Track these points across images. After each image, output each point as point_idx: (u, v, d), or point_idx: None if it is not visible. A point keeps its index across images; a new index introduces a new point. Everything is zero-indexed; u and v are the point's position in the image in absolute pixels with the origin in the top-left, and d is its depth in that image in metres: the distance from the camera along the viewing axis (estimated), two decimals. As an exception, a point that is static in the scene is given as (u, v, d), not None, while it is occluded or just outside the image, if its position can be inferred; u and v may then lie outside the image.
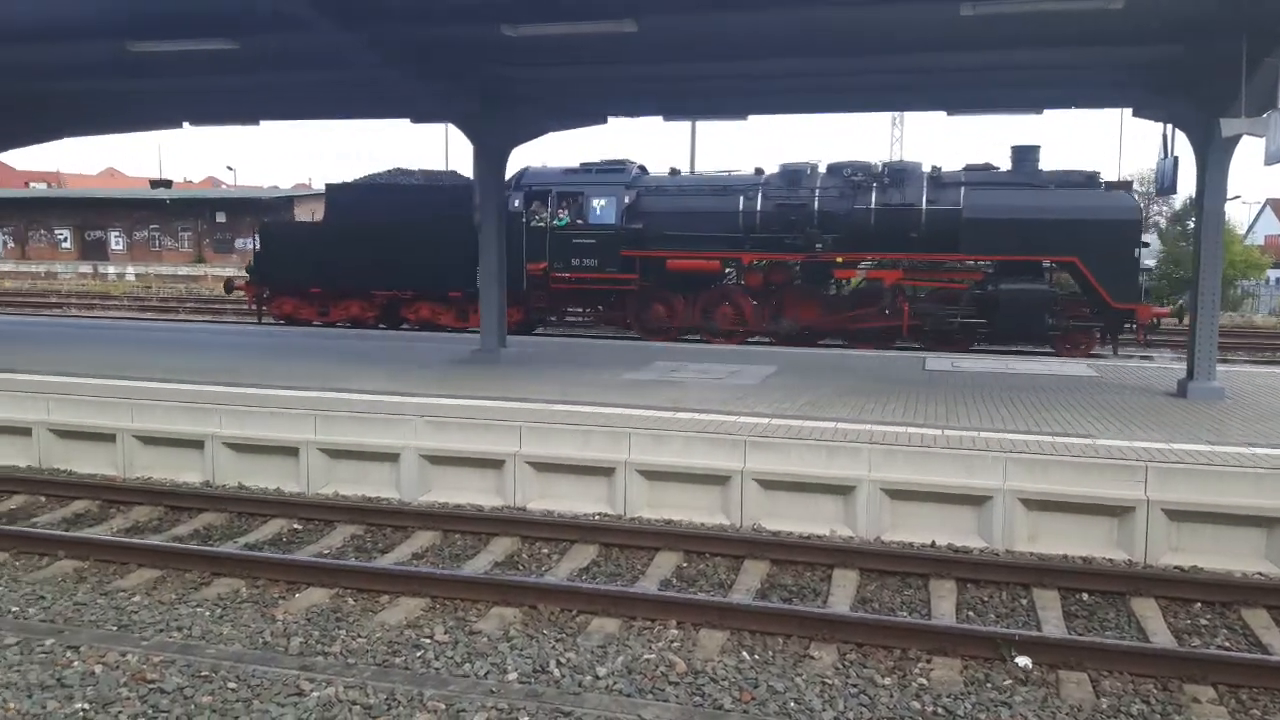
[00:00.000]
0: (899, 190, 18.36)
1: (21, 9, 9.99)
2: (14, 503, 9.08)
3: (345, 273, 20.33)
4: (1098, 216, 17.04)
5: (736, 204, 19.13)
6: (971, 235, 17.47)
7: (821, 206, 18.64)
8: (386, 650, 5.80)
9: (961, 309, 18.17)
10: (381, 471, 9.30)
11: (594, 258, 19.64)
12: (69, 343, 14.86)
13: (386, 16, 10.13)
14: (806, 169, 19.41)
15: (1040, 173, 18.16)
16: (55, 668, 5.46)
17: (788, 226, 18.67)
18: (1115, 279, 16.98)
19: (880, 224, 18.32)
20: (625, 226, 19.54)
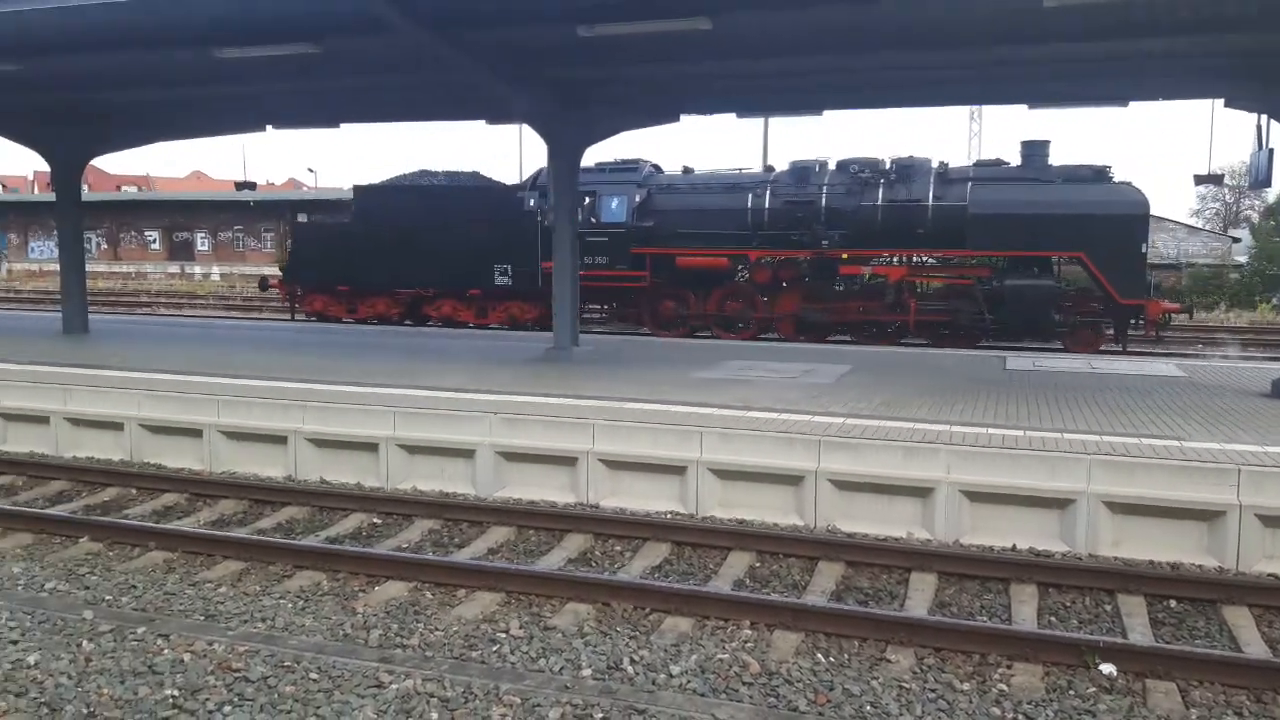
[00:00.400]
0: (906, 186, 18.43)
1: (117, 17, 10.35)
2: (107, 495, 9.43)
3: (371, 271, 20.98)
4: (1103, 211, 16.93)
5: (745, 201, 19.34)
6: (977, 231, 17.50)
7: (829, 203, 18.80)
8: (463, 644, 5.88)
9: (968, 305, 18.09)
10: (458, 467, 9.44)
11: (606, 255, 19.91)
12: (158, 341, 15.37)
13: (465, 20, 10.28)
14: (815, 166, 19.52)
15: (1049, 168, 18.02)
16: (146, 655, 5.65)
17: (795, 223, 18.85)
18: (1121, 274, 16.95)
19: (887, 220, 18.39)
20: (636, 225, 19.79)
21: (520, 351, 14.11)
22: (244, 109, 15.75)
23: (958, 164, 19.11)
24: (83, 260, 16.41)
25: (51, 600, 6.63)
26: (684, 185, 20.39)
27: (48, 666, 5.50)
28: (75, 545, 7.82)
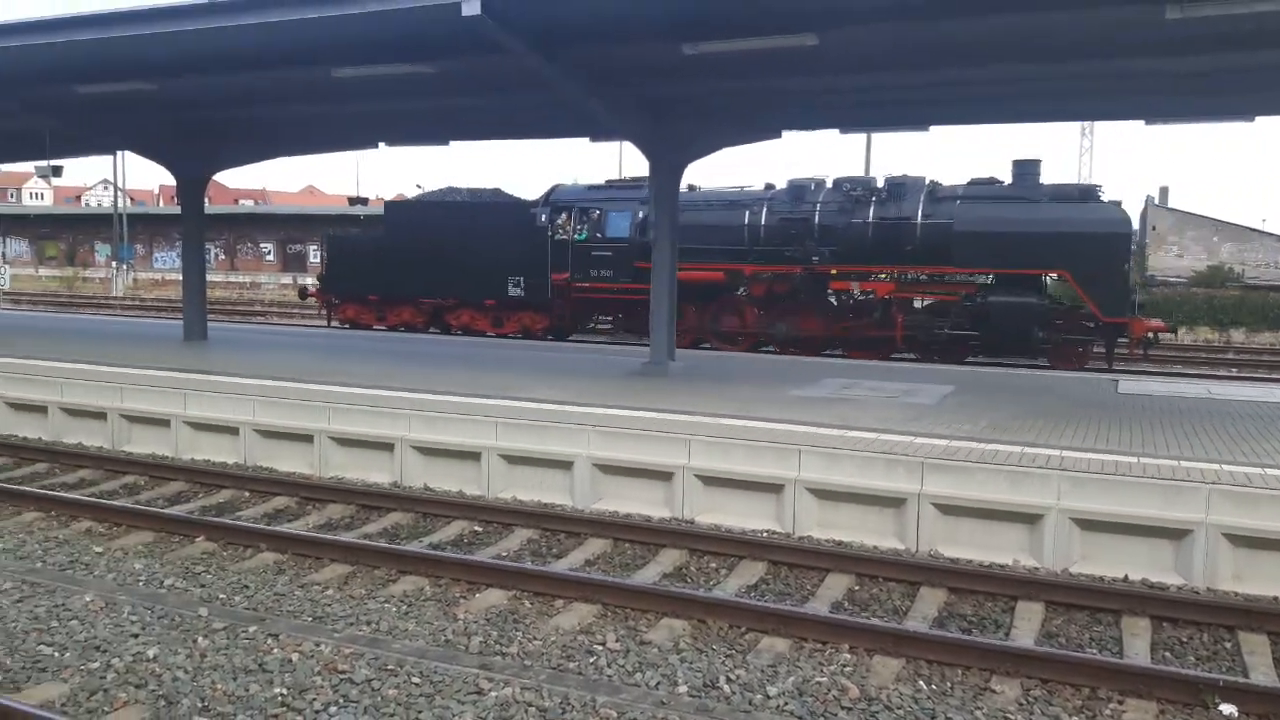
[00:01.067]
0: (896, 204, 18.81)
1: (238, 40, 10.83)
2: (222, 496, 9.82)
3: (398, 282, 22.23)
4: (1086, 230, 17.14)
5: (742, 218, 19.93)
6: (963, 248, 17.84)
7: (822, 220, 19.29)
8: (561, 654, 5.94)
9: (953, 320, 18.33)
10: (556, 478, 9.55)
11: (610, 269, 20.80)
12: (271, 349, 15.96)
13: (573, 41, 10.45)
14: (811, 184, 20.02)
15: (1037, 186, 18.22)
16: (257, 653, 5.87)
17: (789, 240, 19.31)
18: (1105, 292, 17.13)
19: (878, 237, 18.74)
20: (639, 239, 20.27)
21: (616, 366, 14.21)
22: (358, 126, 16.27)
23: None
24: (204, 271, 17.17)
25: (170, 597, 6.94)
26: (685, 202, 20.53)
27: (166, 660, 5.76)
28: (192, 544, 8.16)
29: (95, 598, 6.79)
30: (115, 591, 6.97)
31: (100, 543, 8.17)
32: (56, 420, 12.04)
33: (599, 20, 10.06)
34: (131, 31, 10.63)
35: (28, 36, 11.19)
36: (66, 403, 12.02)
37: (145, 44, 10.92)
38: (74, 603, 6.69)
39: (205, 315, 17.22)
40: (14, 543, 8.12)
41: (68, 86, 13.23)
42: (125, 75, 12.59)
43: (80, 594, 6.86)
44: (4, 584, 7.04)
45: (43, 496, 9.22)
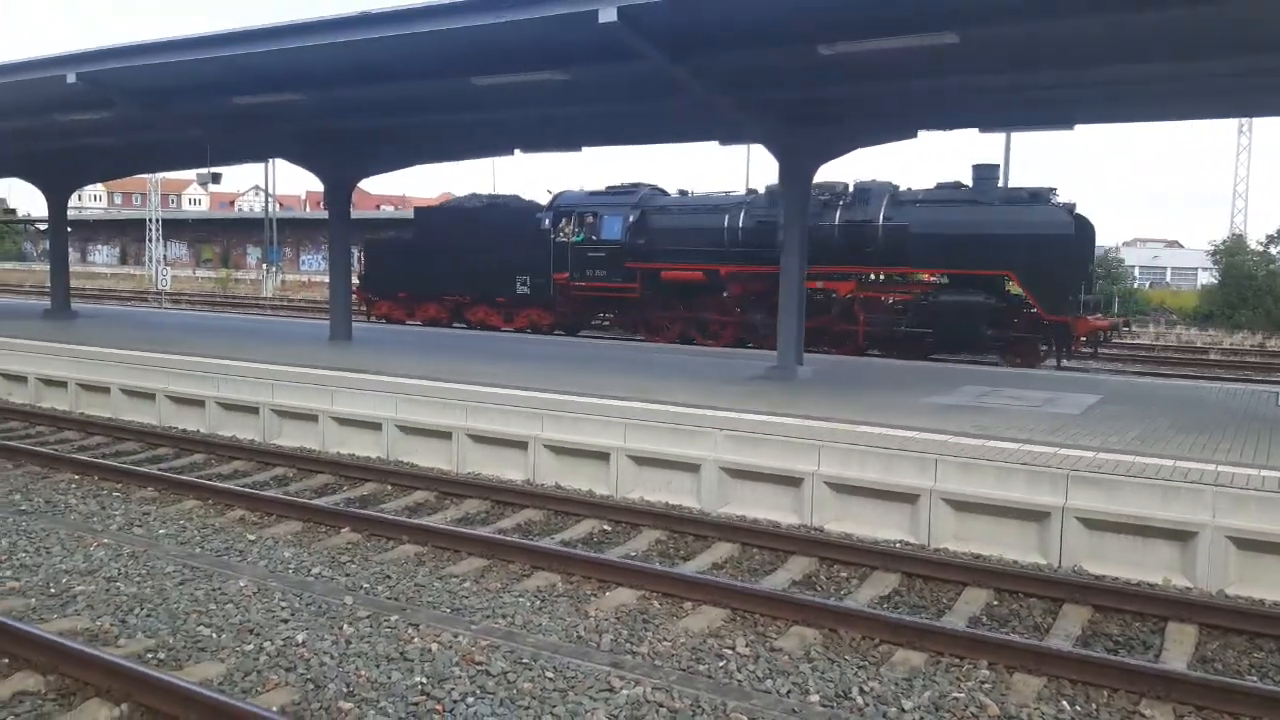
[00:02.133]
0: (861, 208, 19.73)
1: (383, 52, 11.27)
2: (365, 489, 10.22)
3: (424, 280, 24.35)
4: (1029, 232, 17.78)
5: (723, 221, 21.08)
6: (918, 249, 18.78)
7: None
8: (690, 657, 5.95)
9: (909, 319, 19.18)
10: (684, 481, 9.58)
11: (604, 269, 22.40)
12: (412, 348, 16.52)
13: (709, 45, 10.47)
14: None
15: (993, 190, 19.14)
16: (399, 642, 6.09)
17: (761, 242, 20.21)
18: (1048, 292, 17.77)
19: (842, 239, 19.65)
20: (629, 241, 22.06)
21: (742, 370, 14.14)
22: (494, 134, 16.69)
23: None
24: (349, 273, 17.92)
25: (317, 585, 7.26)
26: (674, 206, 22.42)
27: (313, 645, 6.03)
28: (338, 535, 8.52)
29: (249, 583, 7.17)
30: (267, 578, 7.34)
31: (253, 531, 8.62)
32: (213, 414, 12.78)
33: (735, 24, 10.06)
34: (286, 45, 11.19)
35: (192, 52, 11.91)
36: (222, 397, 12.74)
37: (298, 57, 11.49)
38: (229, 587, 7.08)
39: (350, 316, 17.94)
40: (175, 528, 8.64)
41: (226, 98, 14.03)
42: (279, 87, 13.26)
43: (235, 579, 7.26)
44: (167, 567, 7.51)
45: (201, 485, 9.79)
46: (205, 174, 19.47)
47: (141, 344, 15.32)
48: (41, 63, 13.21)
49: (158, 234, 59.64)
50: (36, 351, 15.30)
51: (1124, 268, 44.57)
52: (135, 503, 9.44)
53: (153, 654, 5.90)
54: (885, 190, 19.97)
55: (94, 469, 10.50)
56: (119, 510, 9.14)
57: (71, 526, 8.57)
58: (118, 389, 13.75)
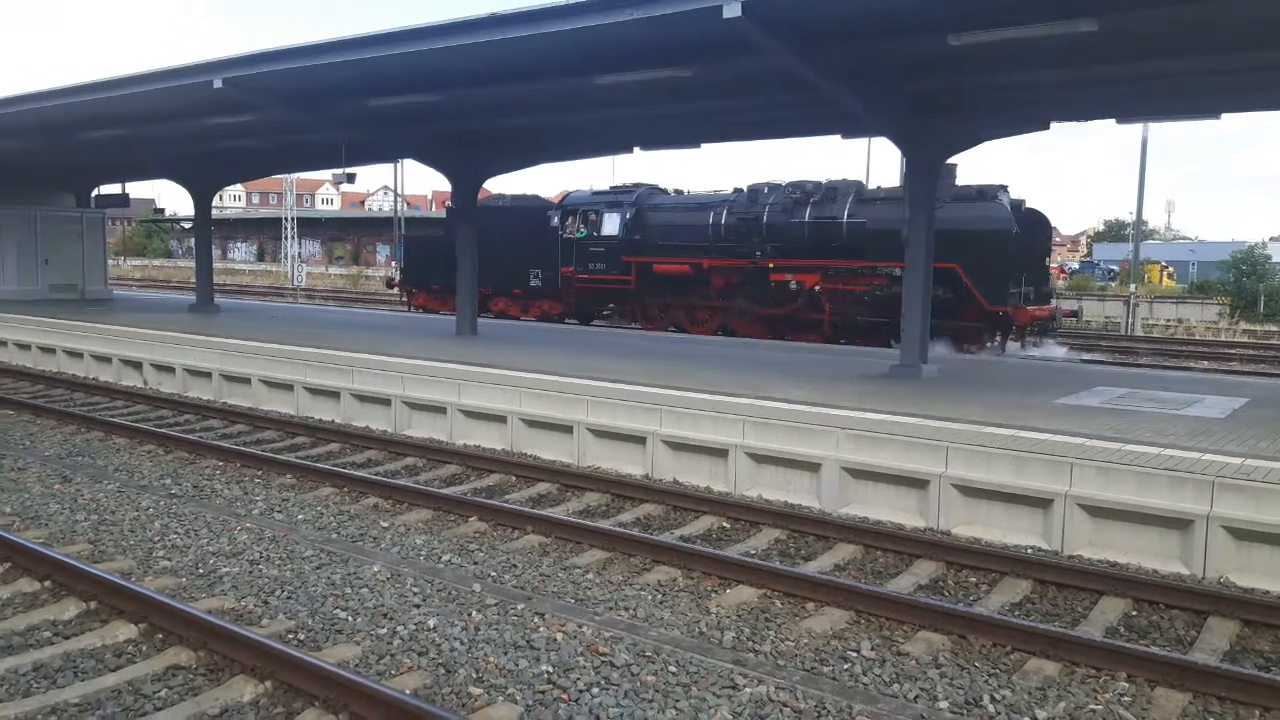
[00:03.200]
0: (829, 205, 21.16)
1: (513, 52, 11.50)
2: (491, 480, 10.47)
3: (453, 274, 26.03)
4: (972, 227, 18.88)
5: (708, 218, 22.65)
6: (874, 244, 19.98)
7: (768, 220, 21.78)
8: (814, 657, 5.89)
9: (868, 309, 20.52)
10: (803, 480, 9.50)
11: (603, 263, 24.16)
12: (535, 344, 16.82)
13: (835, 37, 10.33)
14: (765, 188, 22.58)
15: (948, 188, 19.39)
16: (525, 630, 6.22)
17: (741, 237, 22.04)
18: (989, 284, 18.98)
19: (811, 235, 21.17)
20: (626, 237, 23.81)
21: (862, 367, 13.91)
22: (615, 131, 16.84)
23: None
24: (475, 270, 18.34)
25: (447, 571, 7.48)
26: (666, 205, 24.10)
27: (444, 631, 6.22)
28: (466, 523, 8.76)
29: (382, 568, 7.44)
30: (399, 564, 7.60)
31: (386, 518, 8.94)
32: (347, 405, 13.30)
33: (861, 16, 9.89)
34: (420, 47, 11.52)
35: (330, 56, 12.38)
36: (356, 389, 13.24)
37: (430, 59, 11.82)
38: (364, 572, 7.37)
39: (475, 312, 18.38)
40: (313, 514, 9.03)
41: (362, 101, 14.55)
42: (411, 89, 13.68)
43: (369, 564, 7.55)
44: (306, 551, 7.86)
45: (337, 474, 10.19)
46: (341, 174, 20.69)
47: (279, 337, 16.04)
48: (190, 69, 13.94)
49: (293, 232, 62.35)
50: (184, 344, 16.19)
51: (1271, 264, 42.05)
52: (275, 489, 9.90)
53: (293, 634, 6.18)
54: (851, 189, 21.51)
55: (237, 456, 11.06)
56: (260, 496, 9.61)
57: (217, 510, 9.05)
58: (258, 380, 14.45)
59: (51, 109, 16.48)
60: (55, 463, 10.79)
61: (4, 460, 10.80)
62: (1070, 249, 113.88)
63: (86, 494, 9.47)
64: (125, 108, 15.86)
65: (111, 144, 19.99)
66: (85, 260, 27.30)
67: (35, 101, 16.49)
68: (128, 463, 10.89)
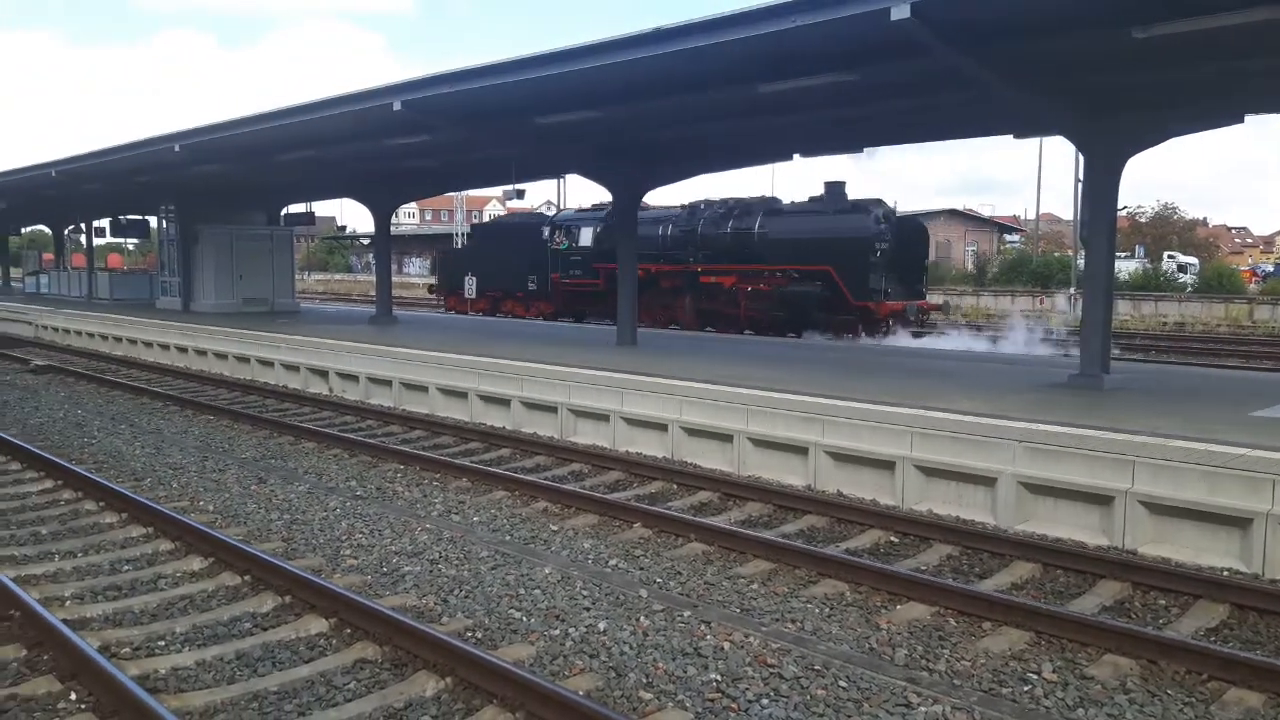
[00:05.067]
0: (747, 219, 25.40)
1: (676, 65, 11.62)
2: (653, 487, 10.60)
3: (475, 280, 31.04)
4: (841, 235, 23.01)
5: (658, 230, 26.85)
6: (778, 251, 24.30)
7: (702, 231, 26.14)
8: (992, 678, 5.69)
9: (771, 305, 24.38)
10: (976, 494, 9.18)
11: (579, 269, 28.78)
12: (692, 353, 16.92)
13: (1007, 35, 9.99)
14: (702, 204, 27.17)
15: (833, 201, 24.28)
16: (692, 638, 6.27)
17: (681, 246, 26.48)
18: (854, 282, 22.64)
19: (732, 243, 25.43)
20: (596, 247, 28.15)
21: (1039, 376, 13.32)
22: (775, 139, 16.78)
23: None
24: (635, 282, 18.62)
25: (614, 576, 7.62)
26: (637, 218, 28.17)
27: (614, 635, 6.34)
28: (630, 529, 8.90)
29: (553, 570, 7.66)
30: (569, 567, 7.80)
31: (555, 521, 9.19)
32: (517, 412, 13.74)
33: (1036, 12, 9.52)
34: (584, 65, 11.82)
35: (500, 77, 12.86)
36: (525, 397, 13.67)
37: (595, 75, 12.10)
38: (536, 574, 7.60)
39: (635, 322, 18.65)
40: (487, 516, 9.38)
41: (530, 119, 15.04)
42: (576, 105, 14.04)
43: (541, 566, 7.78)
44: (481, 552, 8.17)
45: (508, 478, 10.55)
46: (510, 190, 22.28)
47: (454, 347, 16.71)
48: (373, 93, 14.76)
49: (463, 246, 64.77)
50: (366, 354, 17.11)
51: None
52: (452, 492, 10.34)
53: (471, 633, 6.44)
54: (763, 205, 25.93)
55: (416, 460, 11.60)
56: (438, 498, 10.05)
57: (399, 512, 9.52)
58: (435, 388, 15.11)
59: (249, 134, 17.78)
60: (251, 465, 11.61)
61: (207, 462, 11.70)
62: (1263, 250, 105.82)
63: (279, 495, 10.15)
64: (314, 131, 16.93)
65: (300, 166, 21.37)
66: (275, 275, 29.27)
67: (234, 128, 17.83)
68: (316, 465, 11.60)
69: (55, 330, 28.12)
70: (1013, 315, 35.95)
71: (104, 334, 25.62)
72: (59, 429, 13.78)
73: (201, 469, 11.32)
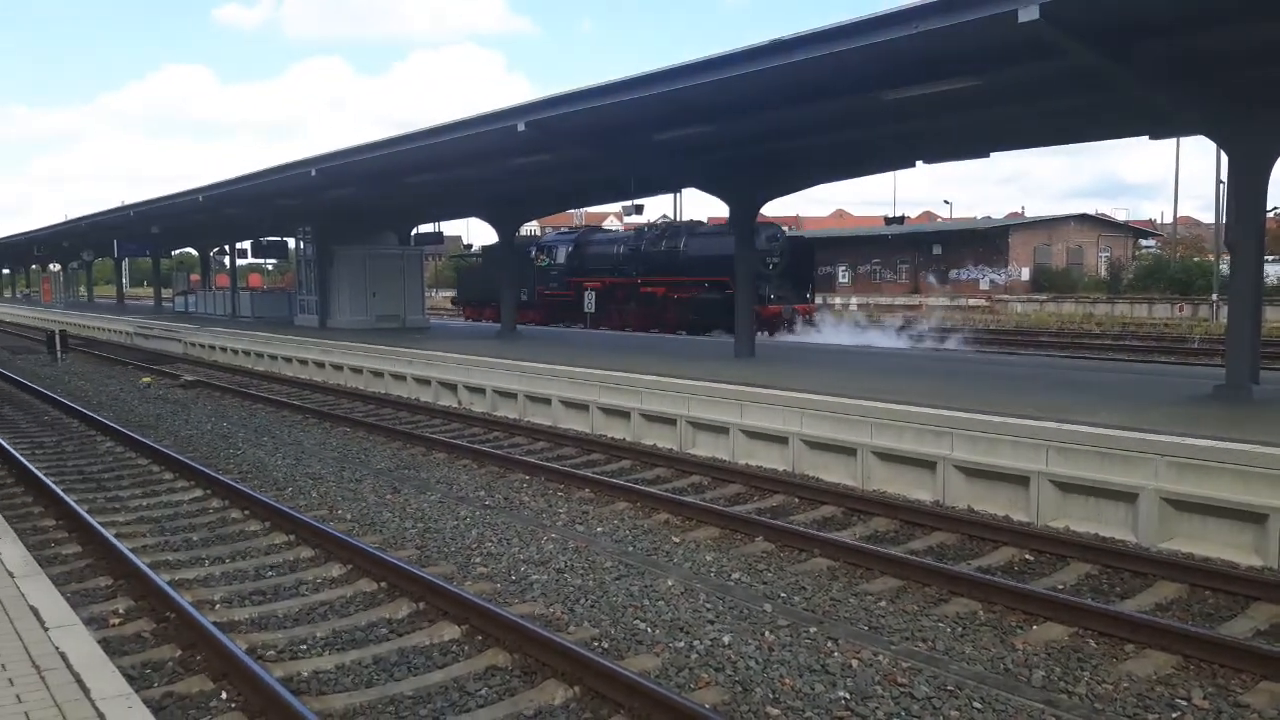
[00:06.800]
0: (676, 239, 31.19)
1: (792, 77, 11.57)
2: (774, 500, 10.52)
3: (485, 294, 36.28)
4: (731, 252, 21.94)
5: (613, 249, 33.34)
6: (695, 266, 29.57)
7: (644, 249, 31.87)
8: (1136, 703, 5.45)
9: (691, 309, 29.14)
10: (1116, 511, 8.80)
11: (556, 283, 34.68)
12: (812, 364, 16.73)
13: (1145, 33, 9.61)
14: (646, 226, 35.17)
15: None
16: (819, 655, 6.20)
17: (628, 262, 32.20)
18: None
19: (664, 260, 30.90)
20: (568, 264, 34.43)
21: (1182, 388, 12.67)
22: (897, 146, 16.47)
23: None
24: (753, 293, 18.53)
25: (737, 590, 7.60)
26: (593, 240, 35.17)
27: (739, 649, 6.32)
28: (753, 543, 8.85)
29: (676, 582, 7.69)
30: (691, 579, 7.82)
31: (676, 534, 9.22)
32: (637, 424, 13.86)
33: (1177, 8, 9.12)
34: (702, 80, 11.87)
35: (618, 95, 13.03)
36: (645, 409, 13.78)
37: (712, 90, 12.14)
38: (659, 585, 7.64)
39: (753, 334, 18.57)
40: (610, 527, 9.48)
41: (648, 135, 15.19)
42: (693, 121, 14.11)
43: (664, 578, 7.82)
44: (605, 563, 8.26)
45: (630, 489, 10.64)
46: (629, 206, 23.44)
47: (573, 360, 16.96)
48: (498, 115, 15.16)
49: (580, 260, 65.67)
50: (493, 368, 17.54)
51: None
52: (575, 502, 10.50)
53: (597, 642, 6.51)
54: (688, 227, 32.47)
55: (541, 470, 11.83)
56: (563, 508, 10.22)
57: (526, 521, 9.72)
58: (558, 400, 15.38)
59: (379, 158, 18.49)
60: (386, 475, 12.04)
61: (344, 472, 12.19)
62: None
63: (413, 504, 10.49)
64: (443, 153, 17.49)
65: (430, 187, 22.13)
66: (406, 293, 30.32)
67: (366, 152, 18.57)
68: (446, 476, 11.95)
69: (202, 347, 29.77)
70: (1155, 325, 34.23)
71: (246, 350, 26.99)
72: (207, 441, 14.58)
73: (339, 479, 11.80)
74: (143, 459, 13.04)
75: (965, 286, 55.56)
